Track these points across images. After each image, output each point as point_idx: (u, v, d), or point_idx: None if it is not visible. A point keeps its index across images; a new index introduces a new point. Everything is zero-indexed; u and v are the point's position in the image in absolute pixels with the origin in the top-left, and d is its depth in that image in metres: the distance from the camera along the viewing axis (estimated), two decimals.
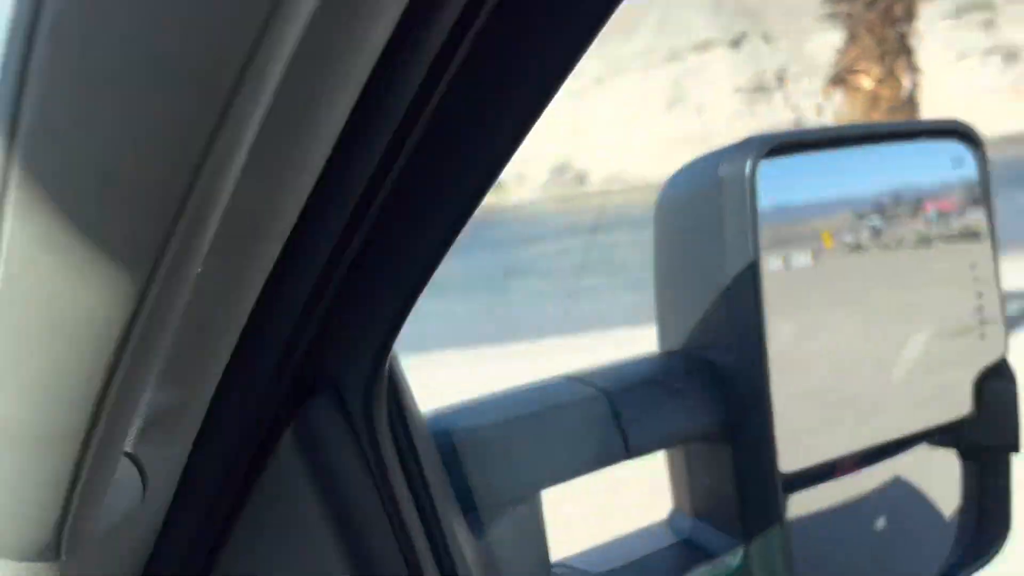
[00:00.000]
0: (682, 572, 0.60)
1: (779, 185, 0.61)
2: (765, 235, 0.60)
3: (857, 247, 0.65)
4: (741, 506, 0.60)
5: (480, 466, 0.50)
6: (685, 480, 0.65)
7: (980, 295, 0.71)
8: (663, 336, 0.66)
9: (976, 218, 0.71)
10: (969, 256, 0.71)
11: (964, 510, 0.75)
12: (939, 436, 0.73)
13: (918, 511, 0.76)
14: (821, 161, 0.65)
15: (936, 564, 0.74)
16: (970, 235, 0.71)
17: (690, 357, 0.62)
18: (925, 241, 0.68)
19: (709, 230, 0.59)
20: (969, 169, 0.72)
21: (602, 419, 0.54)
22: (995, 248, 0.72)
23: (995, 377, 0.73)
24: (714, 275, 0.59)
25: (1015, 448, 0.74)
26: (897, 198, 0.67)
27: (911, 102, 8.57)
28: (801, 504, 0.64)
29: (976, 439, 0.74)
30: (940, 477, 0.74)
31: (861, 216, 0.65)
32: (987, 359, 0.72)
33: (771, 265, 0.61)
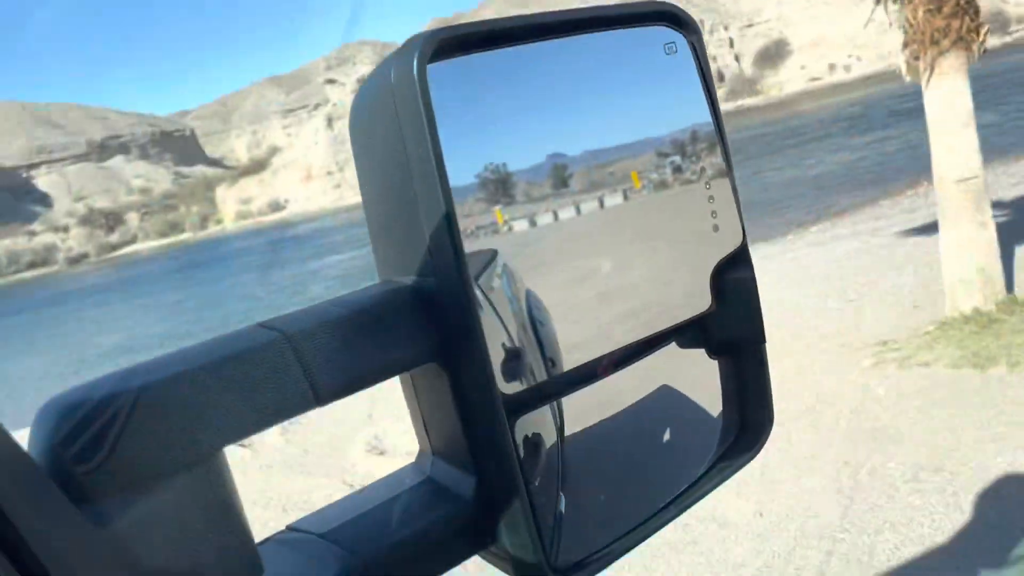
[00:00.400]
0: (418, 514, 0.58)
1: (467, 87, 0.58)
2: (581, 180, 0.59)
3: (663, 184, 0.65)
4: (467, 436, 0.58)
5: (135, 435, 0.44)
6: (419, 416, 0.63)
7: (709, 185, 0.69)
8: (379, 267, 0.63)
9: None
10: (700, 161, 0.69)
11: (726, 408, 0.75)
12: (687, 336, 0.71)
13: (679, 416, 0.75)
14: (512, 56, 0.60)
15: (703, 462, 0.73)
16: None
17: (397, 285, 0.58)
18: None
19: (392, 145, 0.56)
20: (683, 56, 0.69)
21: (284, 365, 0.50)
22: (722, 135, 0.71)
23: (732, 268, 0.71)
24: (406, 195, 0.56)
25: (760, 339, 0.73)
26: (694, 136, 0.67)
27: None
28: (547, 425, 0.63)
29: (722, 334, 0.72)
30: (698, 376, 0.73)
31: (663, 155, 0.65)
32: (724, 250, 0.70)
33: (585, 207, 0.61)
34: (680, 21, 0.69)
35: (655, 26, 0.68)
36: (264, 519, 5.40)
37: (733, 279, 0.71)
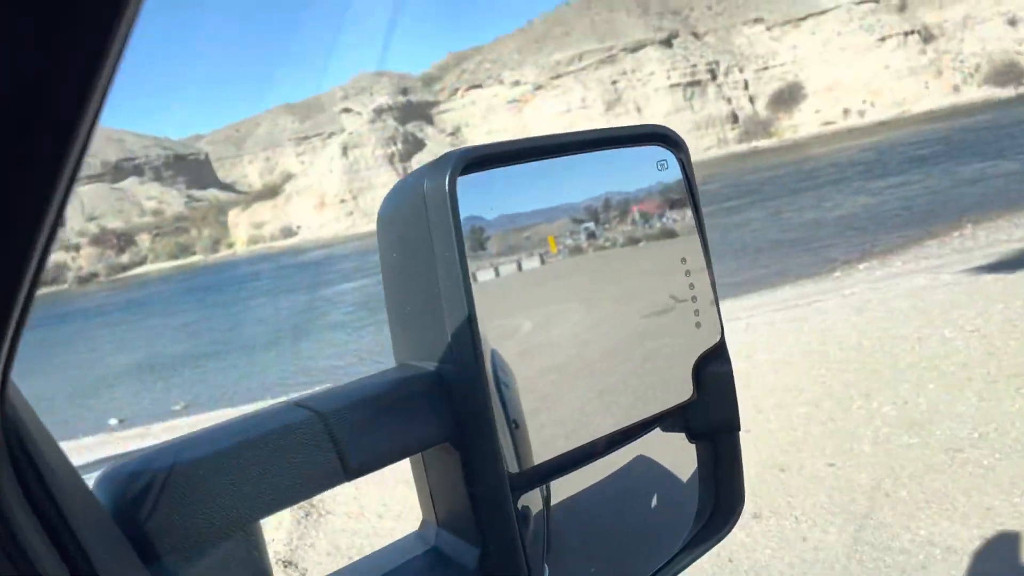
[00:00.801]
0: None
1: (488, 197, 0.64)
2: (496, 244, 0.64)
3: (577, 249, 0.69)
4: (474, 511, 0.62)
5: (184, 504, 0.48)
6: (427, 490, 0.67)
7: (692, 286, 0.76)
8: (396, 350, 0.68)
9: (683, 215, 0.77)
10: (679, 250, 0.76)
11: (702, 489, 0.81)
12: (670, 421, 0.78)
13: (659, 494, 0.81)
14: (530, 172, 0.68)
15: (678, 541, 0.79)
16: (679, 232, 0.77)
17: (418, 370, 0.63)
18: (634, 241, 0.73)
19: (421, 245, 0.62)
20: (674, 171, 0.76)
21: (317, 442, 0.54)
22: (703, 238, 0.78)
23: (711, 361, 0.77)
24: (430, 288, 0.62)
25: (735, 427, 0.80)
26: (607, 204, 0.71)
27: None
28: (538, 499, 0.68)
29: (700, 421, 0.79)
30: (677, 460, 0.80)
31: (578, 222, 0.69)
32: (705, 344, 0.77)
33: (504, 270, 0.65)
34: (671, 141, 0.78)
35: (650, 146, 0.78)
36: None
37: (713, 371, 0.78)
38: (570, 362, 0.70)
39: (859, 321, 7.99)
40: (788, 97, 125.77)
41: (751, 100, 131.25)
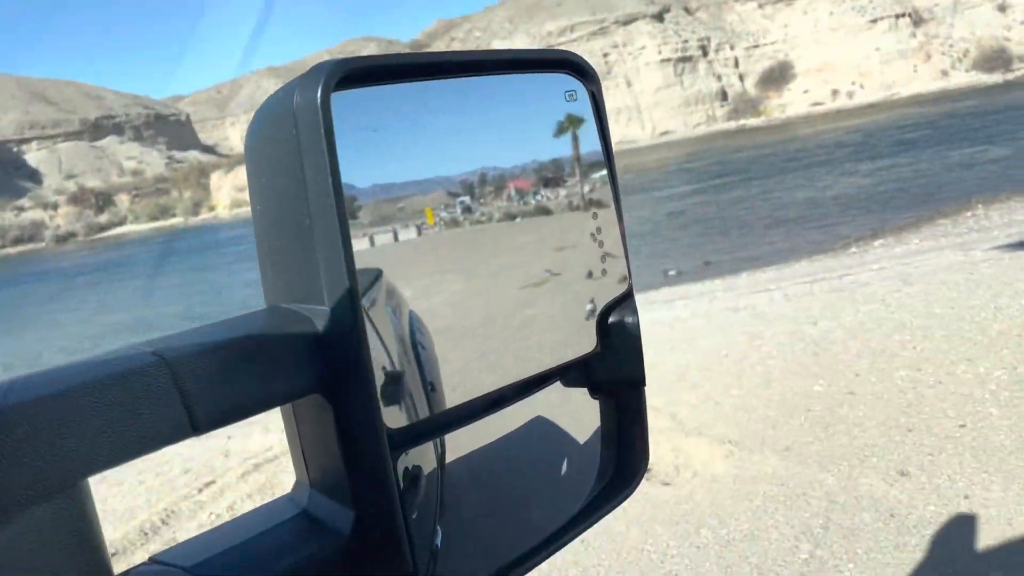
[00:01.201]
0: (293, 548, 0.56)
1: (368, 117, 0.57)
2: (371, 213, 0.57)
3: (454, 222, 0.64)
4: (348, 470, 0.56)
5: (3, 457, 0.42)
6: (298, 448, 0.61)
7: (600, 232, 0.73)
8: (266, 291, 0.61)
9: (599, 176, 0.74)
10: (589, 217, 0.73)
11: (604, 447, 0.78)
12: (571, 375, 0.74)
13: (559, 452, 0.78)
14: (421, 91, 0.61)
15: (580, 498, 0.76)
16: (589, 180, 0.73)
17: (287, 313, 0.57)
18: (511, 216, 0.68)
19: (290, 170, 0.55)
20: (583, 104, 0.72)
21: (161, 391, 0.48)
22: (615, 186, 0.74)
23: (617, 312, 0.74)
24: (301, 220, 0.55)
25: (640, 382, 0.76)
26: (483, 178, 0.65)
27: None
28: (431, 457, 0.64)
29: (604, 375, 0.75)
30: (578, 417, 0.76)
31: (454, 195, 0.64)
32: (611, 295, 0.74)
33: (380, 238, 0.58)
34: (582, 71, 0.73)
35: (558, 73, 0.72)
36: None
37: (619, 323, 0.74)
38: (466, 317, 0.65)
39: (914, 292, 7.85)
40: (778, 76, 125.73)
41: (741, 78, 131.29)
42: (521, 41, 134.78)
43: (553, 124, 0.71)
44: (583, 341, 0.73)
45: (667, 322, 8.81)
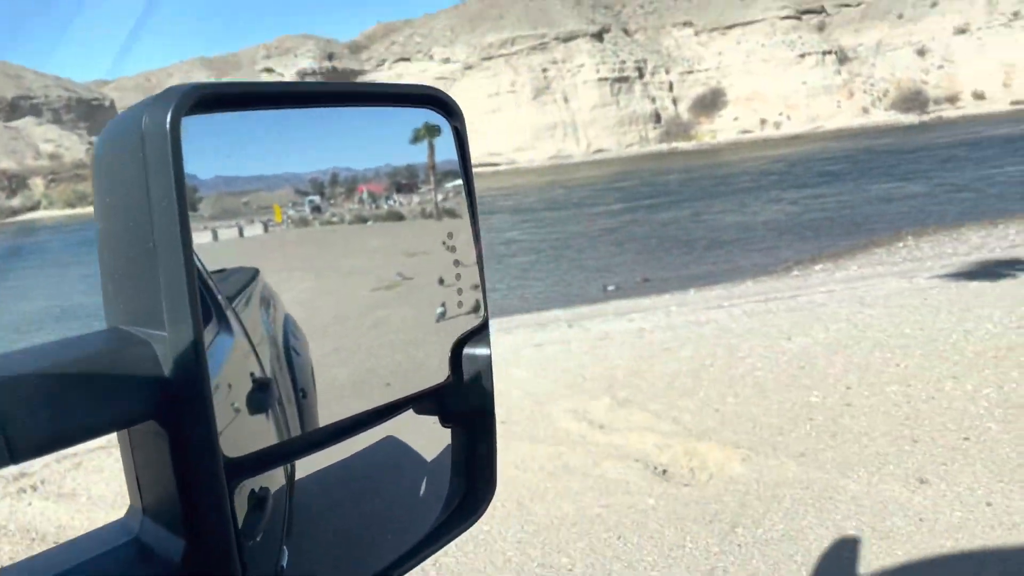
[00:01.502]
0: None
1: (220, 142, 0.57)
2: (212, 205, 0.57)
3: (303, 222, 0.63)
4: (181, 498, 0.55)
5: None
6: (133, 473, 0.59)
7: (458, 264, 0.74)
8: (107, 312, 0.59)
9: (453, 191, 0.74)
10: (445, 229, 0.74)
11: (453, 474, 0.79)
12: (424, 404, 0.75)
13: (409, 477, 0.79)
14: (278, 120, 0.61)
15: (427, 524, 0.77)
16: (449, 209, 0.74)
17: (125, 336, 0.55)
18: (395, 216, 0.69)
19: (135, 190, 0.54)
20: (446, 138, 0.73)
21: None
22: (474, 217, 0.75)
23: (470, 343, 0.76)
24: (145, 242, 0.53)
25: (489, 412, 0.78)
26: (334, 179, 0.65)
27: None
28: (280, 478, 0.63)
29: (455, 405, 0.77)
30: (430, 444, 0.78)
31: (303, 193, 0.63)
32: (465, 327, 0.75)
33: (223, 234, 0.58)
34: (446, 107, 0.74)
35: (423, 108, 0.74)
36: None
37: (471, 354, 0.76)
38: (316, 315, 0.64)
39: (876, 313, 8.21)
40: (710, 102, 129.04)
41: (674, 102, 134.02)
42: (461, 50, 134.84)
43: (409, 132, 0.72)
44: (436, 371, 0.74)
45: (633, 332, 8.96)
